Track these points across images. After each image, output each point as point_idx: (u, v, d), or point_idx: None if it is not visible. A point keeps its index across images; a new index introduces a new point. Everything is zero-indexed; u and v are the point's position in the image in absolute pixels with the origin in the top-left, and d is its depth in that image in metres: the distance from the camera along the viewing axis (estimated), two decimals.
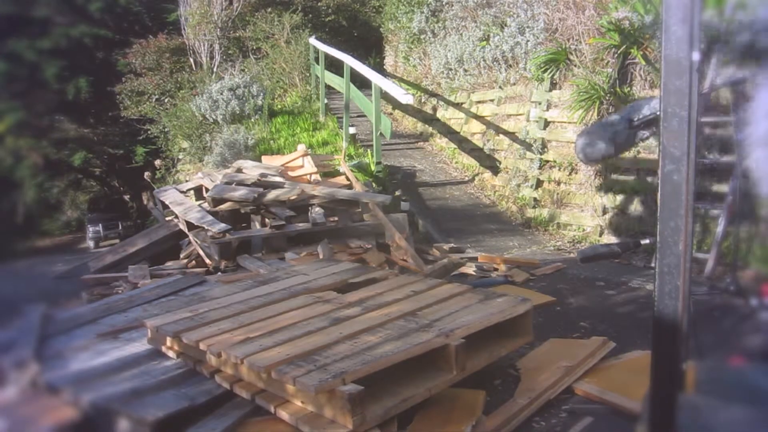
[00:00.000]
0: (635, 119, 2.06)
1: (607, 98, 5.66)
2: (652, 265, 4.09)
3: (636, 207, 5.37)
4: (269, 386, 2.25)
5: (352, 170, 6.64)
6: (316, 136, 8.61)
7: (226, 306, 2.82)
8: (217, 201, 5.19)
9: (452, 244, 5.49)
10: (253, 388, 2.29)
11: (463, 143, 8.18)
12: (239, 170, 6.02)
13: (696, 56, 0.98)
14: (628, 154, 5.30)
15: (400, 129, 9.97)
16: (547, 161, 6.39)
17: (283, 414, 2.14)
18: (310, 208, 5.13)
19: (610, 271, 4.52)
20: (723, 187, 4.40)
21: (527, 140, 6.66)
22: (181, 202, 5.67)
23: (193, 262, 4.90)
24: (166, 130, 11.59)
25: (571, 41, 6.32)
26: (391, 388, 2.23)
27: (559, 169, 6.23)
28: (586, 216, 5.83)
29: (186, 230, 5.18)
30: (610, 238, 5.45)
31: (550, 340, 3.08)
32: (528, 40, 6.98)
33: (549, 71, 6.49)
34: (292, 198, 5.08)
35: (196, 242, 4.90)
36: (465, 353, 2.35)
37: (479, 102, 8.05)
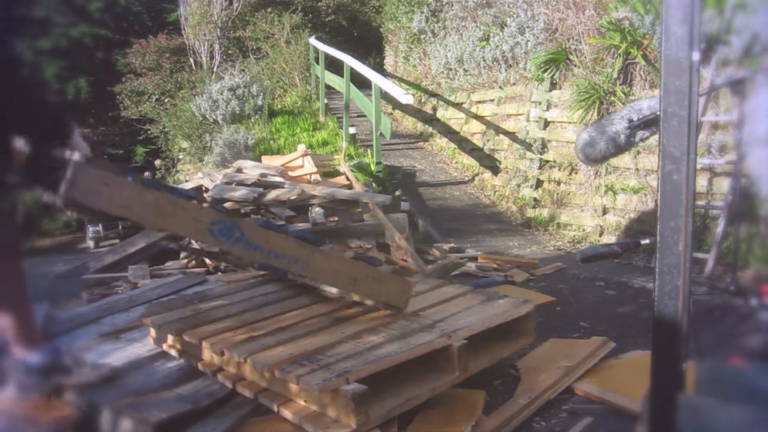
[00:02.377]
0: (635, 119, 2.07)
1: (607, 98, 5.67)
2: (652, 265, 4.09)
3: (636, 207, 5.37)
4: (272, 385, 2.25)
5: (352, 170, 6.64)
6: (316, 136, 8.62)
7: (229, 305, 2.82)
8: (217, 201, 5.19)
9: (452, 244, 5.50)
10: (256, 387, 2.30)
11: (463, 143, 8.19)
12: (239, 170, 6.03)
13: (696, 56, 0.98)
14: (628, 154, 5.31)
15: (400, 129, 9.98)
16: (547, 161, 6.39)
17: (287, 413, 2.14)
18: (310, 208, 5.13)
19: (610, 271, 4.52)
20: None
21: (527, 140, 6.67)
22: None
23: (194, 262, 4.90)
24: (166, 130, 11.59)
25: (571, 41, 6.33)
26: (393, 388, 2.23)
27: (559, 169, 6.23)
28: (586, 216, 5.83)
29: None
30: (610, 238, 5.46)
31: (550, 340, 3.08)
32: (528, 40, 6.99)
33: (549, 71, 6.49)
34: (292, 198, 5.08)
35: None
36: (467, 354, 2.35)
37: (479, 102, 8.05)
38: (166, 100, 12.68)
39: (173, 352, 2.66)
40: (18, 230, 2.29)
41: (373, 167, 6.94)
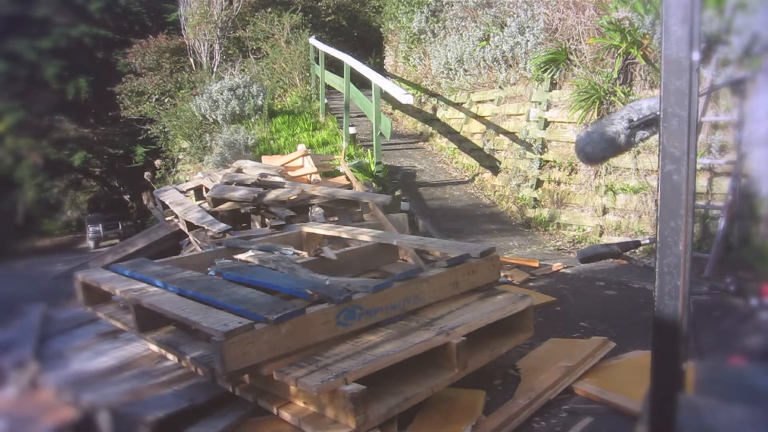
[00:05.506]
0: (635, 119, 2.07)
1: (607, 98, 5.67)
2: (652, 265, 4.09)
3: (636, 207, 5.37)
4: (271, 387, 2.25)
5: (352, 170, 6.64)
6: (316, 136, 8.61)
7: None
8: (217, 201, 5.19)
9: None
10: (255, 389, 2.29)
11: (463, 143, 8.19)
12: (239, 170, 6.02)
13: (696, 56, 0.98)
14: (628, 154, 5.31)
15: (400, 129, 9.97)
16: (547, 161, 6.39)
17: (286, 415, 2.14)
18: (310, 208, 5.13)
19: (610, 271, 4.52)
20: None
21: (527, 140, 6.67)
22: (181, 202, 5.67)
23: None
24: (166, 130, 11.59)
25: (571, 41, 6.33)
26: (392, 387, 2.23)
27: (559, 169, 6.23)
28: (586, 216, 5.83)
29: (186, 230, 5.18)
30: (610, 238, 5.46)
31: (550, 340, 3.08)
32: (528, 40, 6.99)
33: (549, 71, 6.49)
34: (292, 198, 5.08)
35: (196, 242, 4.90)
36: (466, 351, 2.35)
37: (479, 102, 8.05)
38: (166, 100, 12.68)
39: (171, 357, 2.65)
40: None
41: (373, 167, 6.94)
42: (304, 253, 3.58)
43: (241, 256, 3.20)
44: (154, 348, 2.75)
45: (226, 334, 2.00)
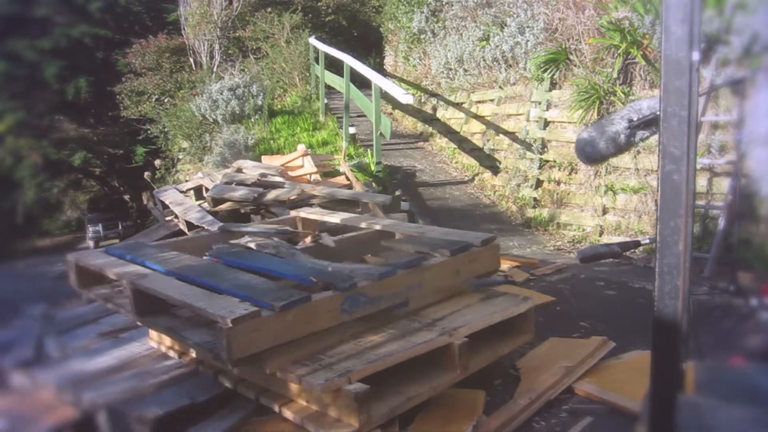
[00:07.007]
0: (635, 119, 2.07)
1: (607, 98, 5.67)
2: (652, 265, 4.09)
3: (636, 207, 5.37)
4: (273, 385, 2.25)
5: (352, 170, 6.64)
6: (316, 136, 8.61)
7: None
8: (217, 201, 5.19)
9: None
10: (257, 387, 2.29)
11: (463, 143, 8.19)
12: (239, 170, 6.03)
13: (696, 56, 0.98)
14: (628, 154, 5.31)
15: (400, 129, 9.97)
16: (547, 161, 6.39)
17: (288, 413, 2.14)
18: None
19: (610, 271, 4.52)
20: None
21: (527, 140, 6.67)
22: (181, 202, 5.67)
23: None
24: (166, 130, 11.59)
25: (571, 41, 6.33)
26: (394, 387, 2.23)
27: (559, 169, 6.23)
28: (586, 216, 5.83)
29: (186, 230, 5.18)
30: (610, 238, 5.46)
31: (550, 339, 3.08)
32: (528, 40, 6.99)
33: (549, 71, 6.49)
34: (292, 198, 5.08)
35: None
36: (468, 352, 2.36)
37: (479, 102, 8.05)
38: (166, 100, 12.68)
39: (173, 354, 2.66)
40: None
41: (373, 167, 6.94)
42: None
43: (240, 241, 3.15)
44: (153, 344, 2.75)
45: (234, 321, 1.98)
